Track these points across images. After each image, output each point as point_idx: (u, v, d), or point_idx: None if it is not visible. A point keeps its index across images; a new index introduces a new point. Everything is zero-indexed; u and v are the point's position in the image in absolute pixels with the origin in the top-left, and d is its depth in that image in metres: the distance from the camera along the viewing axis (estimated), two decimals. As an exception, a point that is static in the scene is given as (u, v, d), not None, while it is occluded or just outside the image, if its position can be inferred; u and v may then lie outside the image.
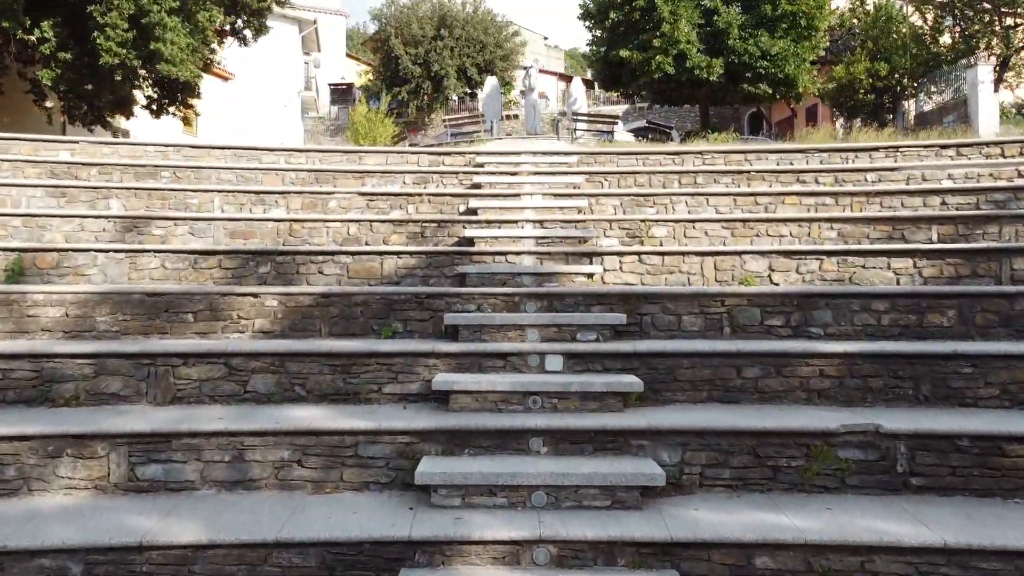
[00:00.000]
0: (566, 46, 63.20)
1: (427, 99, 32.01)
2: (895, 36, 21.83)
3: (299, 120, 30.72)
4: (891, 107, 22.20)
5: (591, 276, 6.97)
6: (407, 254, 7.18)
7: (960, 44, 21.10)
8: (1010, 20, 20.33)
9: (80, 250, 7.01)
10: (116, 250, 7.07)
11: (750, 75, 21.17)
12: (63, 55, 13.18)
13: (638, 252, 7.18)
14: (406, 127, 29.82)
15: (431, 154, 10.63)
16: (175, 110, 16.72)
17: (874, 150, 10.17)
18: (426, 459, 4.47)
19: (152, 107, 16.18)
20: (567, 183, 9.22)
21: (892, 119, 21.57)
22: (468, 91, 33.48)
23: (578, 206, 8.33)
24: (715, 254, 7.13)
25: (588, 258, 7.16)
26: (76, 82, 14.00)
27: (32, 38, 13.30)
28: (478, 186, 9.16)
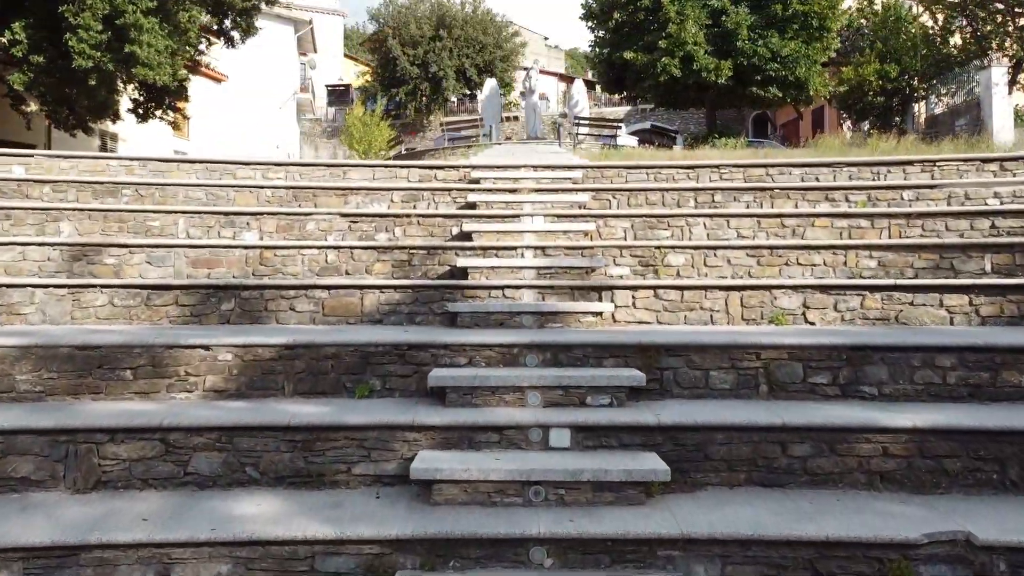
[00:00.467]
0: (567, 46, 62.40)
1: (425, 100, 31.17)
2: (904, 37, 20.94)
3: (295, 122, 29.92)
4: (900, 109, 21.32)
5: (600, 315, 6.10)
6: (391, 288, 6.33)
7: (972, 45, 20.22)
8: None
9: (15, 286, 6.13)
10: (57, 285, 6.20)
11: (759, 78, 20.29)
12: (36, 58, 12.37)
13: (654, 286, 6.33)
14: (403, 130, 28.94)
15: (422, 167, 9.71)
16: (162, 114, 15.88)
17: (908, 163, 9.25)
18: (401, 575, 3.57)
19: (138, 111, 15.37)
20: (572, 202, 8.31)
21: (901, 122, 20.71)
22: (467, 92, 32.69)
23: (585, 229, 7.43)
24: (741, 288, 6.31)
25: (597, 293, 6.30)
26: (54, 86, 13.16)
27: (3, 39, 12.45)
28: (473, 205, 8.25)
